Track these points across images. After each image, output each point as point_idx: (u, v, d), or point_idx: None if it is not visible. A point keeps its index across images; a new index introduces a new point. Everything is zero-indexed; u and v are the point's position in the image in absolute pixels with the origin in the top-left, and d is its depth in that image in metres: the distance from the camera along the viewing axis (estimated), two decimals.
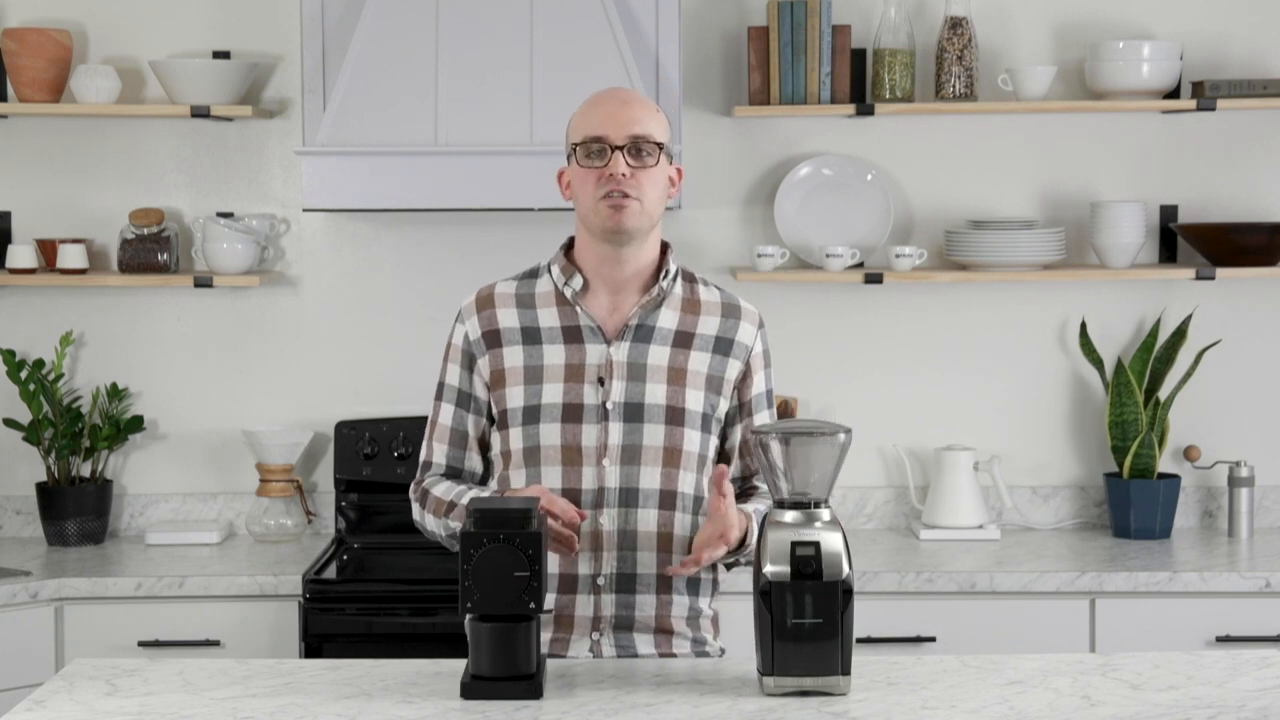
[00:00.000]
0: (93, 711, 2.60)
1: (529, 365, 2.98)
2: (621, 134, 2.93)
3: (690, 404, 2.98)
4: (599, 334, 2.99)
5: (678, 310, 3.03)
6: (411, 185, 4.11)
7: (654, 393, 2.97)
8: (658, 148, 2.95)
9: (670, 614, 2.98)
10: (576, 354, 2.98)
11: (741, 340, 3.05)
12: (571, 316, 3.01)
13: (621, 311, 3.01)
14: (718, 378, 3.02)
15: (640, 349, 2.99)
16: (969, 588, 3.99)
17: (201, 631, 4.00)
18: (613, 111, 2.95)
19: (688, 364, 2.99)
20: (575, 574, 2.96)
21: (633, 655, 2.95)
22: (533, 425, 2.96)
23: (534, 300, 3.03)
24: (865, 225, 4.49)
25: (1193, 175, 4.55)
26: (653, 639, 2.97)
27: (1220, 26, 4.52)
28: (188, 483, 4.57)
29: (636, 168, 2.93)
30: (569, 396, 2.96)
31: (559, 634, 2.96)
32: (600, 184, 2.93)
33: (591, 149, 2.94)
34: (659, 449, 2.96)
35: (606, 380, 2.97)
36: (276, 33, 4.51)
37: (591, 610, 2.96)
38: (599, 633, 2.96)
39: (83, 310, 4.54)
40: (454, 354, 3.07)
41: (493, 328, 3.02)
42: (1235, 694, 2.65)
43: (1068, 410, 4.58)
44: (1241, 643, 3.94)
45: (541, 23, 4.16)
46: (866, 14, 4.50)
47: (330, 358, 4.57)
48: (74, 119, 4.51)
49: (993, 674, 2.76)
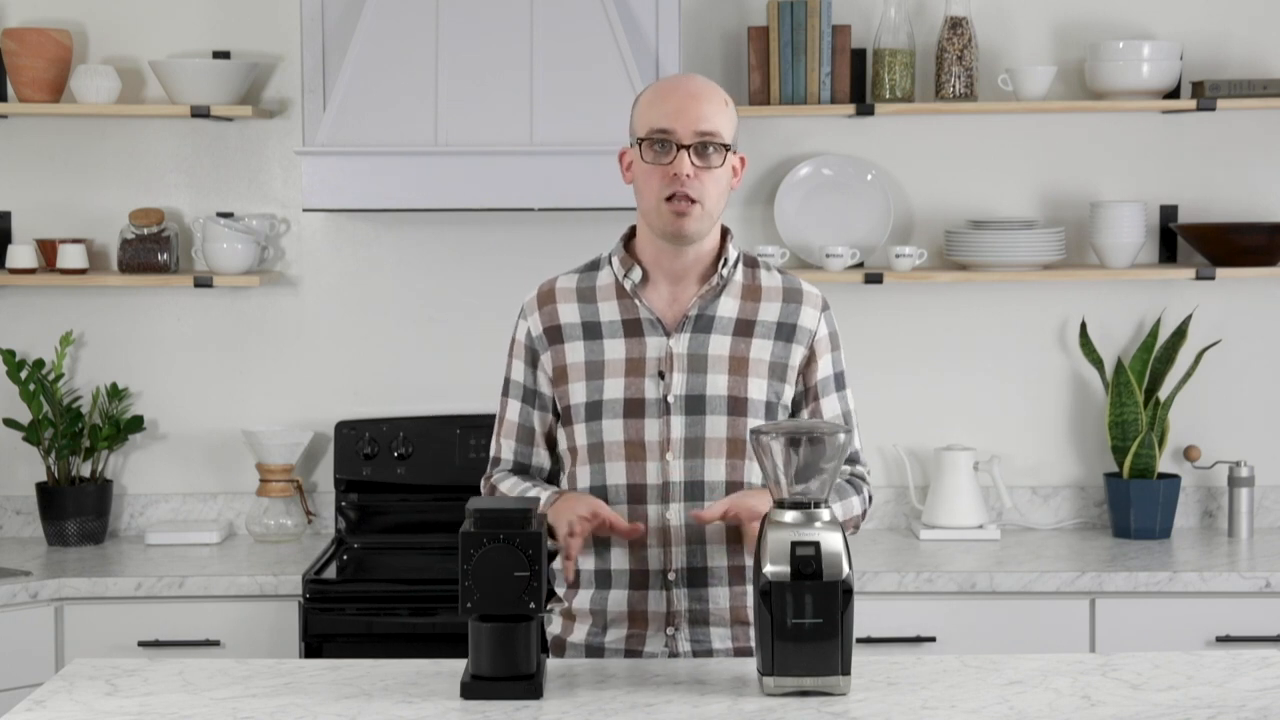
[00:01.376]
0: (93, 711, 2.60)
1: (590, 360, 2.96)
2: (689, 131, 2.87)
3: (753, 393, 2.94)
4: (658, 326, 2.96)
5: (738, 298, 2.99)
6: (411, 185, 4.11)
7: (715, 384, 2.93)
8: (724, 148, 2.89)
9: (745, 604, 2.95)
10: (637, 348, 2.95)
11: (804, 325, 3.00)
12: (631, 309, 2.97)
13: (681, 302, 2.97)
14: (781, 364, 2.97)
15: (700, 339, 2.95)
16: (969, 588, 3.99)
17: (201, 631, 4.00)
18: (682, 105, 2.88)
19: (749, 352, 2.95)
20: (646, 570, 2.93)
21: (709, 650, 2.93)
22: (595, 421, 2.94)
23: (594, 294, 3.00)
24: (865, 225, 4.49)
25: (1193, 175, 4.55)
26: (729, 632, 2.95)
27: (1220, 26, 4.53)
28: (188, 483, 4.57)
29: (701, 168, 2.88)
30: (630, 391, 2.94)
31: (634, 630, 2.94)
32: (664, 184, 2.88)
33: (656, 144, 2.88)
34: (722, 440, 2.93)
35: (667, 373, 2.93)
36: (276, 33, 4.51)
37: (665, 606, 2.93)
38: (674, 628, 2.93)
39: (83, 310, 4.54)
40: (518, 350, 3.04)
41: (554, 323, 3.00)
42: (1235, 694, 2.65)
43: (1068, 410, 4.58)
44: (1241, 643, 3.94)
45: (541, 23, 4.16)
46: (866, 14, 4.50)
47: (330, 358, 4.57)
48: (74, 119, 4.51)
49: (993, 674, 2.76)
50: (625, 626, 2.94)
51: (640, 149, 2.91)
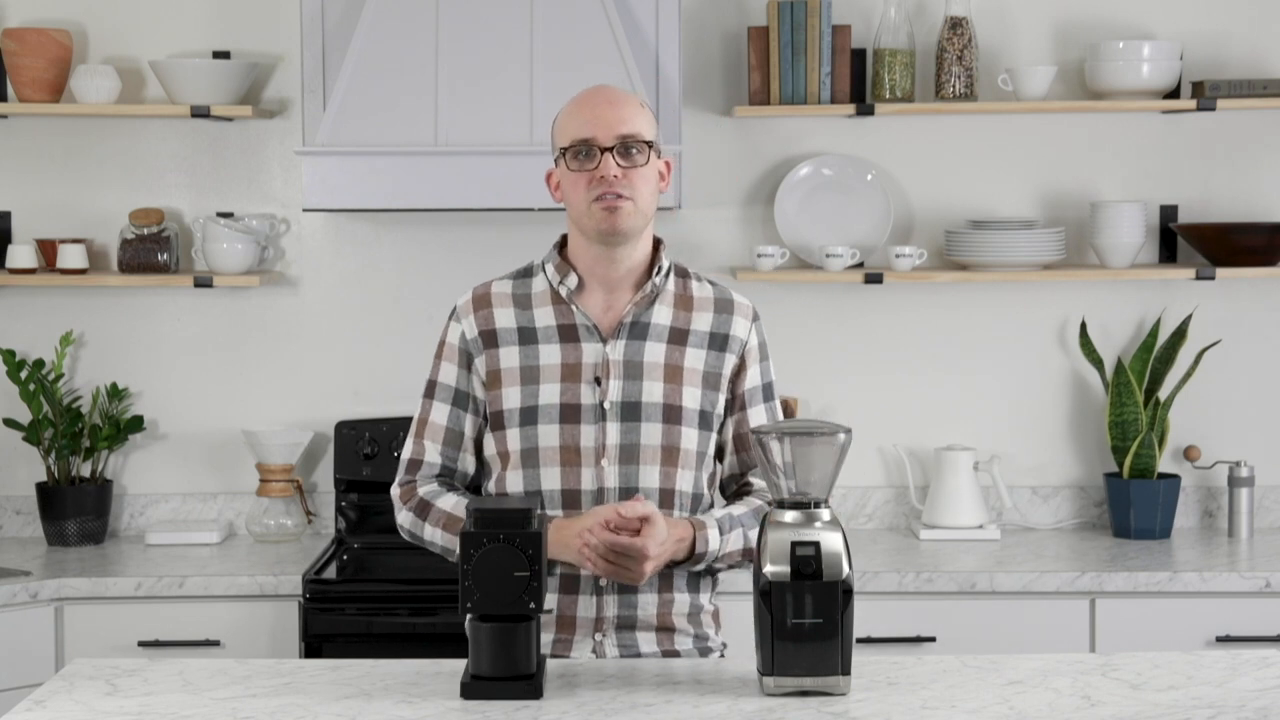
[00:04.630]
0: (93, 711, 2.60)
1: (525, 365, 2.98)
2: (609, 135, 2.91)
3: (687, 402, 2.98)
4: (595, 333, 2.98)
5: (671, 306, 3.02)
6: (411, 185, 4.11)
7: (651, 391, 2.96)
8: (647, 145, 2.93)
9: (671, 611, 2.98)
10: (573, 353, 2.97)
11: (735, 334, 3.04)
12: (567, 315, 3.00)
13: (616, 309, 3.00)
14: (714, 374, 3.01)
15: (636, 346, 2.98)
16: (969, 588, 3.99)
17: (201, 631, 4.00)
18: (599, 112, 2.93)
19: (684, 361, 2.99)
20: (577, 575, 2.95)
21: (635, 654, 2.95)
22: (530, 426, 2.96)
23: (530, 300, 3.02)
24: (865, 225, 4.49)
25: (1193, 175, 4.55)
26: (655, 637, 2.97)
27: (1220, 26, 4.53)
28: (188, 483, 4.57)
29: (627, 167, 2.91)
30: (566, 396, 2.96)
31: (561, 635, 2.96)
32: (591, 186, 2.91)
33: (580, 152, 2.92)
34: (657, 448, 2.96)
35: (603, 380, 2.96)
36: (276, 33, 4.51)
37: (594, 611, 2.96)
38: (601, 633, 2.96)
39: (83, 310, 4.54)
40: (449, 352, 3.04)
41: (489, 327, 3.01)
42: (1235, 694, 2.65)
43: (1068, 410, 4.58)
44: (1241, 643, 3.94)
45: (541, 23, 4.16)
46: (866, 14, 4.50)
47: (330, 358, 4.57)
48: (74, 119, 4.51)
49: (993, 674, 2.76)
50: (553, 631, 2.96)
51: (565, 159, 2.94)
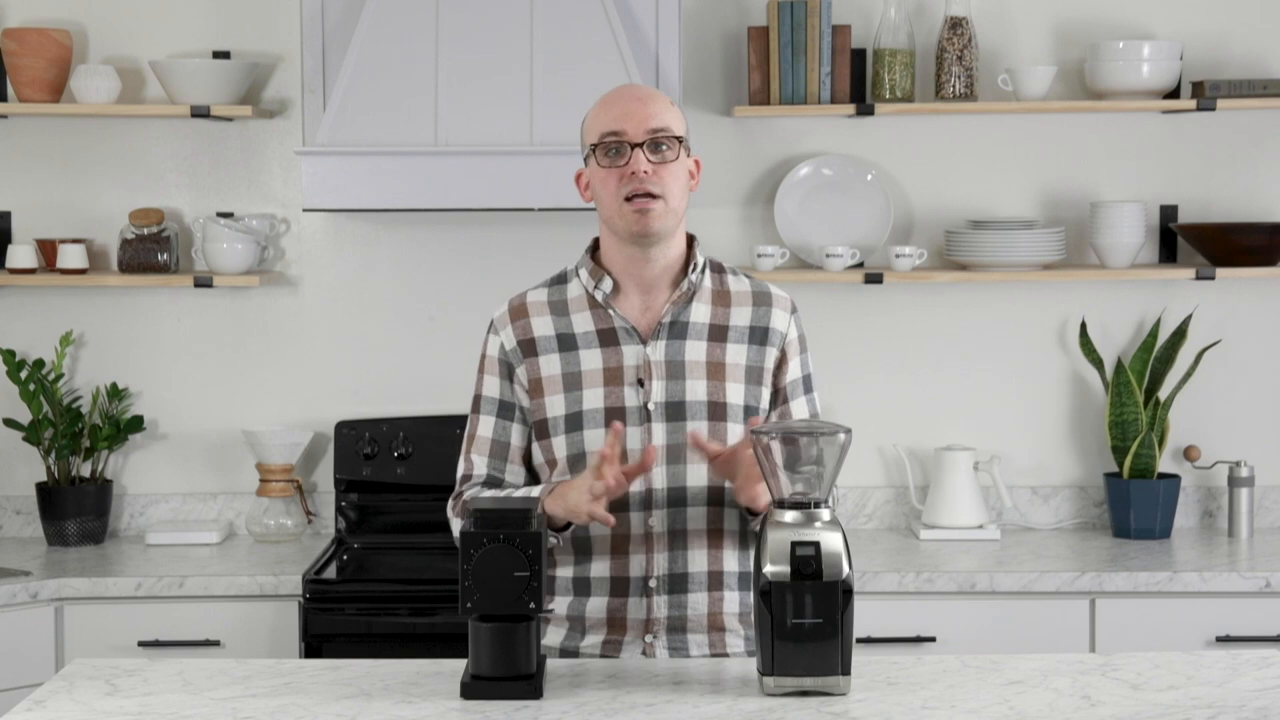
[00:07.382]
0: (93, 711, 2.60)
1: (567, 372, 2.95)
2: (640, 130, 2.90)
3: (731, 398, 2.95)
4: (634, 335, 2.96)
5: (709, 303, 3.00)
6: (411, 185, 4.11)
7: (694, 389, 2.94)
8: (677, 141, 2.92)
9: (723, 610, 2.95)
10: (613, 357, 2.95)
11: (775, 327, 3.01)
12: (605, 319, 2.97)
13: (654, 310, 2.98)
14: (756, 368, 2.98)
15: (676, 346, 2.96)
16: (969, 588, 3.99)
17: (201, 631, 4.00)
18: (629, 108, 2.92)
19: (725, 357, 2.96)
20: (627, 577, 2.93)
21: (685, 656, 2.93)
22: (576, 432, 2.93)
23: (566, 306, 3.00)
24: (865, 225, 4.49)
25: (1193, 175, 4.55)
26: (706, 638, 2.94)
27: (1220, 26, 4.53)
28: (188, 483, 4.57)
29: (657, 163, 2.90)
30: (610, 400, 2.93)
31: (611, 636, 2.93)
32: (623, 184, 2.89)
33: (610, 147, 2.91)
34: None
35: (646, 381, 2.93)
36: (276, 33, 4.52)
37: (645, 613, 2.93)
38: (652, 635, 2.93)
39: (83, 310, 4.54)
40: (490, 365, 3.02)
41: (528, 336, 2.99)
42: (1235, 694, 2.65)
43: (1068, 410, 4.58)
44: (1241, 643, 3.94)
45: (541, 23, 4.16)
46: (866, 14, 4.50)
47: (330, 358, 4.57)
48: (74, 119, 4.51)
49: (993, 674, 2.76)
50: (603, 632, 2.94)
51: (595, 156, 2.93)
